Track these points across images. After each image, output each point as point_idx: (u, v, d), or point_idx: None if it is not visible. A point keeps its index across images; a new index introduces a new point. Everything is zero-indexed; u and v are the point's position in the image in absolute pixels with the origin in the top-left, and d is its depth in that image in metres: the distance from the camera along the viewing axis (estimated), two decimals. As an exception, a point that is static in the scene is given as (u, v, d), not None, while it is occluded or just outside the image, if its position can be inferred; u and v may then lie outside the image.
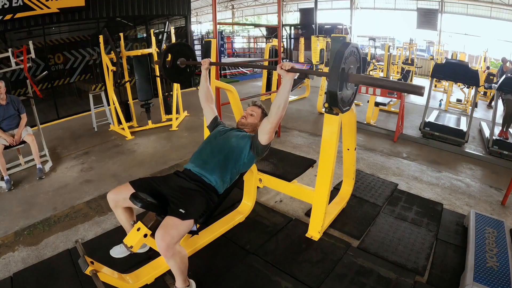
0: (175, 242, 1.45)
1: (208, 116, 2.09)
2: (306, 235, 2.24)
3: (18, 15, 4.78)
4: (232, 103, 2.44)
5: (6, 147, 3.11)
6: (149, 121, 4.89)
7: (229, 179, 1.78)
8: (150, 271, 1.80)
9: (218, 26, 3.52)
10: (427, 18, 14.54)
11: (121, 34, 4.79)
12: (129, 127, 4.64)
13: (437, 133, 4.48)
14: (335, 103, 1.52)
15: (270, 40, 7.83)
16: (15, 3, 4.67)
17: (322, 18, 16.44)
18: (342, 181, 2.75)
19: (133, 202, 1.51)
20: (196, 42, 12.81)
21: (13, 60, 3.44)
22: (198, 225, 1.74)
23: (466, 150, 4.19)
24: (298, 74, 1.71)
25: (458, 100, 7.50)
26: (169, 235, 1.43)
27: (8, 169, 3.35)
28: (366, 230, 2.33)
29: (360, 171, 3.31)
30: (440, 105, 7.23)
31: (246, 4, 21.38)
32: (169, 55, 2.10)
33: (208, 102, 2.08)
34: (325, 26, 15.50)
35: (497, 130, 4.46)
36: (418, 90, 1.22)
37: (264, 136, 1.75)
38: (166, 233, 1.43)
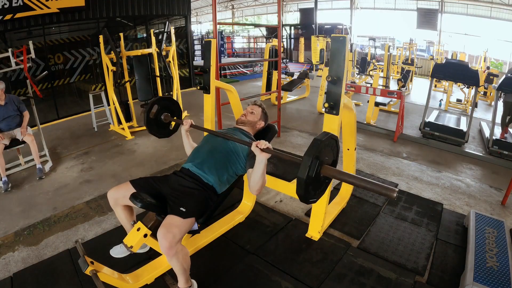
0: (177, 240, 1.45)
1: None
2: (306, 235, 2.24)
3: (18, 15, 4.78)
4: (232, 103, 2.44)
5: (6, 147, 3.11)
6: (149, 121, 4.88)
7: (227, 179, 1.78)
8: (150, 271, 1.81)
9: (218, 26, 3.52)
10: (427, 18, 14.54)
11: (121, 34, 4.80)
12: (129, 127, 4.64)
13: (437, 133, 4.48)
14: (302, 191, 1.22)
15: (270, 40, 7.83)
16: (15, 3, 4.67)
17: (322, 18, 16.46)
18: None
19: (133, 202, 1.51)
20: (196, 42, 12.83)
21: (13, 60, 3.44)
22: (199, 225, 1.74)
23: (466, 150, 4.19)
24: (271, 155, 1.49)
25: (458, 100, 7.50)
26: (171, 233, 1.43)
27: (8, 169, 3.35)
28: (366, 230, 2.33)
29: (360, 171, 3.31)
30: (440, 105, 7.23)
31: (246, 4, 21.38)
32: (155, 107, 2.05)
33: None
34: (325, 26, 15.52)
35: (497, 131, 4.46)
36: (390, 193, 1.10)
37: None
38: (168, 231, 1.43)
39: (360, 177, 1.17)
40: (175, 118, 2.12)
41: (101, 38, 4.39)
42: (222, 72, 9.91)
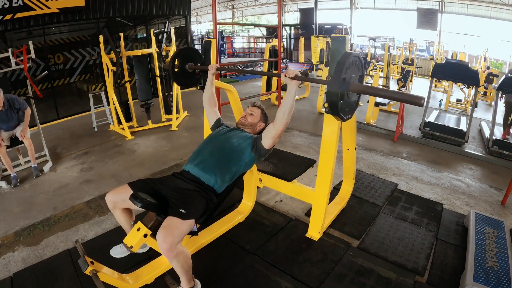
0: (177, 242, 1.45)
1: (211, 118, 2.11)
2: (306, 235, 2.24)
3: (18, 15, 4.78)
4: (232, 103, 2.44)
5: (7, 147, 3.11)
6: (149, 121, 4.89)
7: (229, 178, 1.78)
8: (150, 271, 1.80)
9: (218, 26, 3.52)
10: (427, 18, 14.55)
11: (121, 34, 4.79)
12: (129, 127, 4.64)
13: (437, 133, 4.48)
14: (336, 113, 1.50)
15: (270, 40, 7.83)
16: (15, 3, 4.67)
17: (322, 18, 16.45)
18: (342, 181, 2.75)
19: (133, 202, 1.51)
20: (196, 42, 12.83)
21: (13, 60, 3.44)
22: (198, 225, 1.74)
23: (466, 150, 4.19)
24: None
25: (458, 100, 7.50)
26: (171, 235, 1.43)
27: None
28: (366, 230, 2.33)
29: (360, 171, 3.31)
30: (440, 105, 7.24)
31: (246, 4, 21.38)
32: (177, 60, 2.11)
33: (212, 106, 2.11)
34: (325, 26, 15.51)
35: (497, 131, 4.46)
36: (417, 101, 1.22)
37: (268, 140, 1.77)
38: (167, 233, 1.43)
39: (388, 89, 1.33)
40: (199, 65, 2.17)
41: (101, 38, 4.39)
42: (222, 72, 9.90)
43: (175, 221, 1.48)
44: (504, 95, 4.84)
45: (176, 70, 2.12)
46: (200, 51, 2.39)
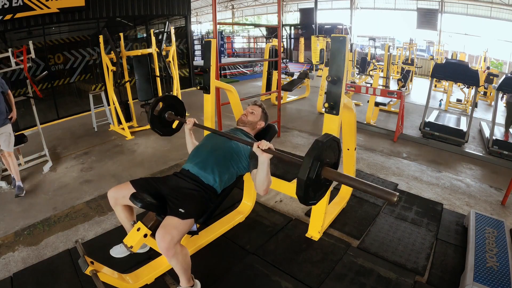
0: (176, 241, 1.45)
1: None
2: (306, 235, 2.24)
3: (18, 15, 4.77)
4: (232, 103, 2.45)
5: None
6: (149, 121, 4.89)
7: (228, 178, 1.77)
8: (150, 271, 1.80)
9: (218, 26, 3.52)
10: (427, 18, 14.55)
11: (121, 34, 4.80)
12: (129, 127, 4.64)
13: (437, 133, 4.48)
14: (301, 193, 1.22)
15: (270, 40, 7.82)
16: (15, 3, 4.67)
17: (322, 18, 16.46)
18: (342, 181, 2.74)
19: (133, 202, 1.51)
20: (196, 42, 12.83)
21: (13, 60, 3.44)
22: (198, 225, 1.74)
23: (466, 150, 4.19)
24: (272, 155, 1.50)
25: (458, 100, 7.50)
26: (170, 235, 1.43)
27: (8, 169, 3.35)
28: (366, 230, 2.33)
29: (360, 171, 3.31)
30: (440, 105, 7.24)
31: (246, 4, 21.38)
32: (160, 104, 2.07)
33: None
34: (325, 26, 15.52)
35: (497, 131, 4.46)
36: (390, 197, 1.06)
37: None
38: (166, 233, 1.43)
39: (360, 180, 1.16)
40: (178, 117, 2.12)
41: (101, 38, 4.39)
42: (222, 72, 9.91)
43: (174, 221, 1.48)
44: (504, 95, 4.85)
45: (155, 113, 2.06)
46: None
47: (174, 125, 2.21)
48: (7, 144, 2.86)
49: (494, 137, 4.15)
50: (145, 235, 1.55)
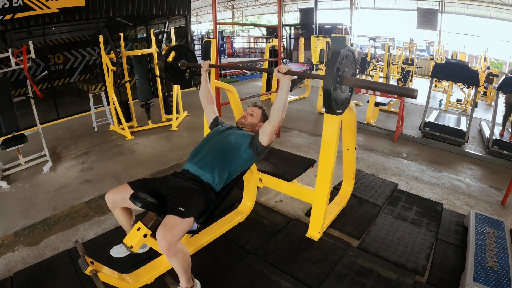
0: (176, 240, 1.45)
1: (209, 116, 2.13)
2: (306, 235, 2.24)
3: (18, 15, 4.77)
4: (232, 103, 2.44)
5: (6, 147, 3.11)
6: (149, 121, 4.89)
7: (227, 176, 1.77)
8: (150, 271, 1.80)
9: (218, 26, 3.52)
10: (427, 18, 14.55)
11: (121, 34, 4.79)
12: (129, 127, 4.64)
13: (437, 133, 4.48)
14: (329, 103, 1.50)
15: (270, 40, 7.83)
16: (15, 3, 4.67)
17: (322, 18, 16.44)
18: (342, 181, 2.75)
19: (133, 202, 1.51)
20: (196, 42, 12.82)
21: (13, 60, 3.43)
22: (198, 225, 1.74)
23: (466, 150, 4.19)
24: (295, 76, 1.71)
25: (458, 100, 7.50)
26: (170, 233, 1.43)
27: (8, 169, 3.35)
28: (366, 230, 2.33)
29: (360, 171, 3.31)
30: (440, 105, 7.24)
31: (246, 4, 21.39)
32: (171, 55, 2.13)
33: (209, 103, 2.13)
34: (325, 26, 15.50)
35: (497, 131, 4.46)
36: (411, 93, 1.23)
37: (265, 136, 1.77)
38: (167, 232, 1.43)
39: (380, 83, 1.31)
40: (193, 63, 2.19)
41: (101, 38, 4.39)
42: (222, 72, 9.90)
43: (174, 220, 1.48)
44: (505, 95, 4.85)
45: (168, 62, 2.14)
46: (196, 54, 2.43)
47: (187, 76, 2.30)
48: None
49: (494, 137, 4.15)
50: (145, 235, 1.55)
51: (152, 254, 1.98)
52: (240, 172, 1.86)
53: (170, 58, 2.20)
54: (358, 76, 9.28)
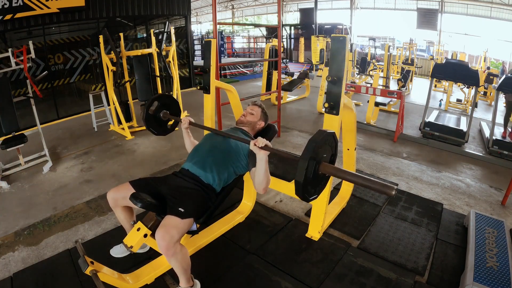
0: (175, 241, 1.45)
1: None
2: (306, 235, 2.24)
3: (18, 15, 4.77)
4: (232, 103, 2.44)
5: (6, 147, 3.11)
6: (149, 121, 4.89)
7: (227, 177, 1.77)
8: (150, 271, 1.80)
9: (218, 26, 3.52)
10: (427, 18, 14.56)
11: (121, 34, 4.79)
12: (129, 127, 4.64)
13: (437, 133, 4.48)
14: (300, 194, 1.29)
15: (270, 40, 7.83)
16: (15, 3, 4.67)
17: (322, 18, 16.46)
18: (342, 181, 2.75)
19: (133, 202, 1.51)
20: (196, 42, 12.82)
21: (13, 60, 3.43)
22: (198, 225, 1.74)
23: (466, 150, 4.19)
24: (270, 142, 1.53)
25: (458, 100, 7.50)
26: (169, 234, 1.43)
27: (8, 169, 3.35)
28: (366, 230, 2.33)
29: (360, 171, 3.31)
30: (440, 105, 7.24)
31: (246, 4, 21.39)
32: (155, 104, 2.08)
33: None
34: (325, 26, 15.52)
35: (497, 131, 4.46)
36: (388, 191, 1.11)
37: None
38: (166, 232, 1.43)
39: (358, 175, 1.18)
40: (173, 116, 2.13)
41: (101, 38, 4.38)
42: (222, 72, 9.91)
43: (174, 220, 1.48)
44: (505, 95, 4.85)
45: (150, 112, 2.06)
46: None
47: (169, 125, 2.22)
48: None
49: (494, 137, 4.15)
50: (145, 235, 1.55)
51: (152, 254, 1.98)
52: (239, 174, 1.86)
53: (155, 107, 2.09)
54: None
